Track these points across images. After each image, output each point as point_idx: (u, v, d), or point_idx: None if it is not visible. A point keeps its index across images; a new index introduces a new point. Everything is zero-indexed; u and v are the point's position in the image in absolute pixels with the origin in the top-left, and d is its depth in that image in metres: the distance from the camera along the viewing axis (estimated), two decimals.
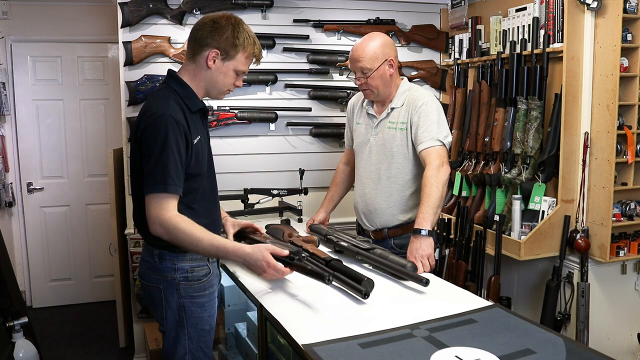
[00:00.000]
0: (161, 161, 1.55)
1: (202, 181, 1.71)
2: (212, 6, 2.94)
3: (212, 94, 1.75)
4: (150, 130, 1.58)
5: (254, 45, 1.69)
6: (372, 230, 2.25)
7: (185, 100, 1.66)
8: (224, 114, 2.99)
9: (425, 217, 1.91)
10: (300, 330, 1.37)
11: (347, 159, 2.48)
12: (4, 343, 2.51)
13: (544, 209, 2.58)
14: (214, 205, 1.82)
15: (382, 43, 2.09)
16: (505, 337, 1.31)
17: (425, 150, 2.03)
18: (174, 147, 1.56)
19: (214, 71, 1.67)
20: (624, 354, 2.70)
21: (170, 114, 1.57)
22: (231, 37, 1.65)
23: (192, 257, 1.68)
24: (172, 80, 1.70)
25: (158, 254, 1.68)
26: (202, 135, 1.70)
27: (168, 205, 1.56)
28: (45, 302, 4.06)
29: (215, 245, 1.59)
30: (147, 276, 1.72)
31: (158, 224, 1.56)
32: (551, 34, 2.54)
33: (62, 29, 3.84)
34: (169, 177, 1.55)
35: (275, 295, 1.66)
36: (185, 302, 1.69)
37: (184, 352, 1.70)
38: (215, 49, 1.65)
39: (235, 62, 1.68)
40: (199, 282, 1.70)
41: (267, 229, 2.33)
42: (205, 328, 1.74)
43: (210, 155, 1.80)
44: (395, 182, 2.16)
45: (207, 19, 1.70)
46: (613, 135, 2.42)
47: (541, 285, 2.71)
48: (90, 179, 4.04)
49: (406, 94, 2.15)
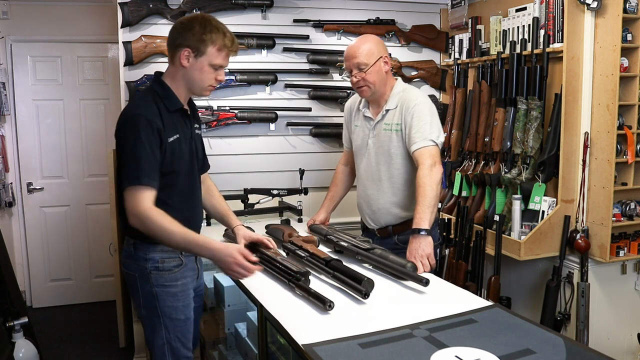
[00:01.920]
0: (134, 156, 1.65)
1: (178, 178, 1.79)
2: (212, 6, 2.94)
3: (195, 92, 1.82)
4: (123, 128, 1.70)
5: (224, 37, 1.74)
6: (377, 229, 2.27)
7: (164, 100, 1.75)
8: (224, 114, 2.99)
9: (423, 216, 1.92)
10: (300, 330, 1.37)
11: (346, 160, 2.49)
12: (4, 343, 2.51)
13: (544, 209, 2.58)
14: (193, 203, 1.89)
15: (376, 42, 2.15)
16: (505, 337, 1.31)
17: (418, 151, 2.05)
18: (146, 144, 1.65)
19: (189, 69, 1.74)
20: (624, 354, 2.70)
21: (142, 113, 1.67)
22: (199, 33, 1.71)
23: (162, 249, 1.77)
24: (154, 82, 1.81)
25: (133, 243, 1.80)
26: (181, 134, 1.78)
27: (143, 197, 1.65)
28: (45, 302, 4.06)
29: (187, 239, 1.69)
30: (126, 265, 1.84)
31: (133, 215, 1.66)
32: (551, 34, 2.54)
33: (62, 29, 3.84)
34: (141, 171, 1.65)
35: (275, 295, 1.66)
36: (157, 291, 1.78)
37: (162, 342, 1.80)
38: (186, 48, 1.72)
39: (207, 56, 1.73)
40: (170, 272, 1.79)
41: (267, 229, 2.33)
42: (180, 318, 1.82)
43: (193, 154, 1.87)
44: (396, 181, 2.18)
45: (178, 22, 1.79)
46: (613, 135, 2.42)
47: (541, 285, 2.71)
48: (90, 179, 4.04)
49: (400, 95, 2.17)
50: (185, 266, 1.83)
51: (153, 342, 1.83)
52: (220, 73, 1.79)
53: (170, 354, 1.82)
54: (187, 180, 1.83)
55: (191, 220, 1.82)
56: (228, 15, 3.00)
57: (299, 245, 1.96)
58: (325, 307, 1.47)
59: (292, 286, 1.66)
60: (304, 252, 1.88)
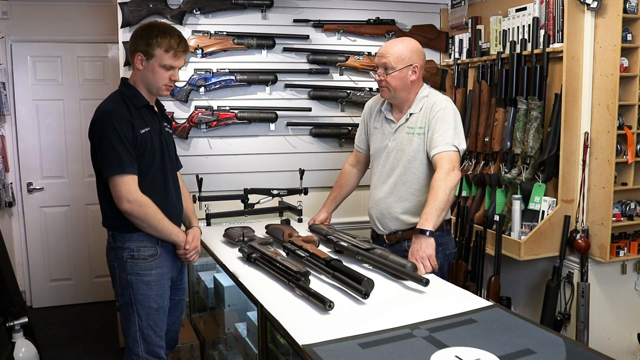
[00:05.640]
0: (113, 148, 1.80)
1: (152, 167, 1.93)
2: (212, 6, 2.94)
3: (153, 91, 1.96)
4: (99, 124, 1.85)
5: (170, 39, 1.88)
6: (387, 234, 2.22)
7: (131, 98, 1.92)
8: (224, 114, 3.00)
9: (429, 217, 1.90)
10: (300, 330, 1.37)
11: (354, 160, 2.44)
12: (4, 343, 2.51)
13: (544, 209, 2.58)
14: (167, 192, 2.00)
15: (412, 48, 2.10)
16: (505, 337, 1.31)
17: (439, 155, 2.01)
18: (122, 136, 1.81)
19: (143, 71, 1.91)
20: (624, 354, 2.70)
21: (115, 109, 1.85)
22: (145, 38, 1.88)
23: (138, 238, 1.91)
24: (121, 84, 1.99)
25: (111, 234, 1.95)
26: (152, 128, 1.94)
27: (134, 184, 1.83)
28: (45, 302, 4.06)
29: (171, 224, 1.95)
30: (108, 256, 1.98)
31: (129, 201, 1.81)
32: (551, 34, 2.54)
33: (62, 29, 3.84)
34: (122, 160, 1.81)
35: (275, 295, 1.66)
36: (132, 279, 1.91)
37: (135, 328, 1.92)
38: (139, 53, 1.90)
39: (157, 58, 1.89)
40: (145, 261, 1.92)
41: (267, 229, 2.33)
42: (153, 306, 1.94)
43: (163, 146, 1.99)
44: (410, 186, 2.14)
45: (134, 31, 1.95)
46: (613, 135, 2.43)
47: (541, 285, 2.71)
48: (90, 179, 4.01)
49: (424, 100, 2.13)
50: (161, 256, 1.96)
51: (127, 329, 1.95)
52: (173, 73, 1.93)
53: (142, 341, 1.93)
54: (159, 169, 1.96)
55: (164, 208, 1.94)
56: (228, 15, 3.01)
57: (299, 245, 1.96)
58: (325, 307, 1.46)
59: (292, 286, 1.66)
60: (304, 252, 1.88)
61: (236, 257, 2.08)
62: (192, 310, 2.81)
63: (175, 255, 2.04)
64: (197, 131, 3.00)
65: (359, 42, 3.21)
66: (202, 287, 2.68)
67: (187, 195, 2.24)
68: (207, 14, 2.98)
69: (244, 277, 1.85)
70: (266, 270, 1.86)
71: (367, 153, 2.37)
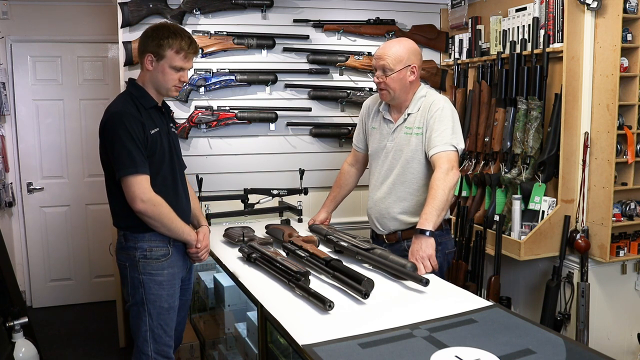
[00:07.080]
0: (126, 148, 1.81)
1: (162, 167, 1.93)
2: (212, 6, 2.94)
3: (162, 92, 1.97)
4: (110, 125, 1.85)
5: (181, 41, 1.89)
6: (386, 234, 2.22)
7: (139, 99, 1.92)
8: (224, 114, 2.99)
9: (429, 217, 1.90)
10: (300, 330, 1.37)
11: (353, 160, 2.45)
12: (4, 343, 2.50)
13: (544, 209, 2.58)
14: (176, 192, 2.01)
15: (410, 48, 2.11)
16: (505, 337, 1.31)
17: (437, 155, 2.01)
18: (133, 135, 1.82)
19: (153, 72, 1.92)
20: (624, 354, 2.70)
21: (126, 110, 1.85)
22: (158, 39, 1.88)
23: (150, 238, 1.91)
24: (129, 85, 1.99)
25: (123, 234, 1.94)
26: (160, 128, 1.94)
27: (147, 184, 1.83)
28: (45, 302, 4.06)
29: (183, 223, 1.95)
30: (118, 256, 1.97)
31: (144, 200, 1.81)
32: (551, 34, 2.54)
33: (62, 29, 3.84)
34: (135, 160, 1.81)
35: (275, 295, 1.66)
36: (144, 279, 1.90)
37: (145, 328, 1.91)
38: (149, 53, 1.90)
39: (167, 60, 1.89)
40: (157, 260, 1.91)
41: (267, 229, 2.33)
42: (164, 306, 1.93)
43: (171, 146, 2.00)
44: (409, 186, 2.14)
45: (144, 31, 1.96)
46: (613, 135, 2.43)
47: (541, 285, 2.71)
48: (90, 179, 4.04)
49: (422, 100, 2.13)
50: (173, 256, 1.95)
51: (137, 329, 1.93)
52: (183, 74, 1.94)
53: (152, 341, 1.92)
54: (169, 169, 1.97)
55: (175, 208, 1.94)
56: (228, 15, 3.01)
57: (299, 245, 1.96)
58: (325, 307, 1.47)
59: (292, 286, 1.66)
60: (304, 252, 1.88)
61: (236, 257, 2.08)
62: (192, 310, 2.81)
63: (185, 255, 2.03)
64: (197, 131, 3.00)
65: (359, 42, 3.21)
66: (202, 287, 2.68)
67: (194, 195, 2.24)
68: (207, 14, 2.98)
69: (244, 277, 1.85)
70: (266, 270, 1.86)
71: (365, 152, 2.37)
